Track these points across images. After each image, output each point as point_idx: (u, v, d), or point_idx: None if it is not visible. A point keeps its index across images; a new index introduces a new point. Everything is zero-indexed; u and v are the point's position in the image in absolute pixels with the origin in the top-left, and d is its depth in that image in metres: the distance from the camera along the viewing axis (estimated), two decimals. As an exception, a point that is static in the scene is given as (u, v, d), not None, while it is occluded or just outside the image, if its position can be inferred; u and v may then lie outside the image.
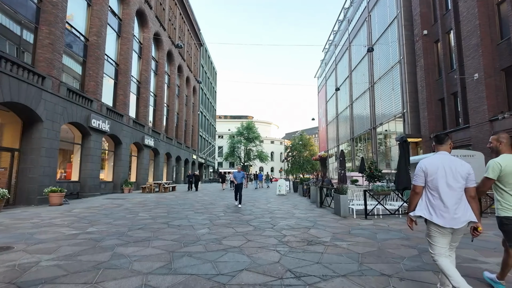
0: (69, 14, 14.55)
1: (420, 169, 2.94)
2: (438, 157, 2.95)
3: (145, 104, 23.79)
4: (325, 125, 48.30)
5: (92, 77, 16.45)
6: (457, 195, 2.80)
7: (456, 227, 2.74)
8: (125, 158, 20.10)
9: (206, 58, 49.80)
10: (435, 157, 2.97)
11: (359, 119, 32.15)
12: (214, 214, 9.22)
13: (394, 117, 23.30)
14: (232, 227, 6.96)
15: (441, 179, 2.83)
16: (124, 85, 20.18)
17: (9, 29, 11.57)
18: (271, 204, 12.50)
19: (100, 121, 16.50)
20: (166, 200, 14.20)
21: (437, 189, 2.83)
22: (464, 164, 2.89)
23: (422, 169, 2.92)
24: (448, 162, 2.88)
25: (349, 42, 35.58)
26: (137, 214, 9.14)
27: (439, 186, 2.82)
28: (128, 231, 6.36)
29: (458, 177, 2.81)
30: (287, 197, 16.54)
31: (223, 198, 15.87)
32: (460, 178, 2.81)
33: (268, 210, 10.39)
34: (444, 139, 3.04)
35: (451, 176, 2.82)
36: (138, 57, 23.78)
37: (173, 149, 31.26)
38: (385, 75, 25.29)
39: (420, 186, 2.94)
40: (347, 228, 6.91)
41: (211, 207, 11.42)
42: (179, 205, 11.98)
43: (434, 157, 2.97)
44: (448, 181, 2.81)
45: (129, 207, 11.30)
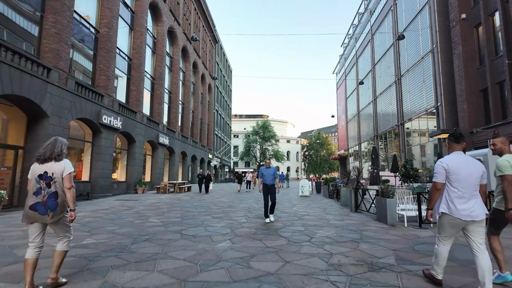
0: (77, 3, 13.63)
1: (441, 167, 3.12)
2: (457, 156, 3.15)
3: (159, 101, 22.85)
4: (345, 122, 46.30)
5: (103, 71, 15.53)
6: (472, 191, 3.04)
7: (476, 219, 2.97)
8: (139, 157, 19.17)
9: (221, 56, 48.79)
10: (453, 156, 3.17)
11: (384, 115, 30.18)
12: (235, 220, 7.92)
13: (426, 111, 21.34)
14: (259, 239, 5.62)
15: (461, 177, 3.03)
16: (137, 80, 19.25)
17: (11, 17, 10.68)
18: (297, 208, 11.09)
19: (112, 118, 15.56)
20: (180, 202, 13.05)
21: (456, 186, 3.05)
22: (479, 163, 3.13)
23: (444, 167, 3.10)
24: (465, 161, 3.10)
25: (372, 34, 33.61)
26: (147, 220, 7.96)
27: (457, 183, 3.04)
28: (131, 244, 5.13)
29: (474, 174, 3.04)
30: (312, 199, 15.07)
31: (242, 200, 14.58)
32: (475, 175, 3.05)
33: (296, 215, 8.99)
34: (461, 138, 3.22)
35: (468, 174, 3.03)
36: (152, 52, 22.86)
37: (189, 148, 30.31)
38: (414, 66, 23.33)
39: (441, 183, 3.13)
40: (406, 242, 5.43)
41: (230, 210, 10.13)
42: (194, 208, 10.76)
43: (453, 157, 3.16)
44: (465, 178, 3.03)
45: (139, 210, 10.17)
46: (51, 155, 3.14)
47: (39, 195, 3.05)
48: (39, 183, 3.08)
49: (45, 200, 3.04)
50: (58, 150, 3.18)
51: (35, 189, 3.08)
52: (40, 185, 3.07)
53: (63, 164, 3.16)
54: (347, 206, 11.45)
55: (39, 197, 3.05)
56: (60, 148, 3.21)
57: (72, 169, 3.25)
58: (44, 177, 3.08)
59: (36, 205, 3.02)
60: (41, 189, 3.07)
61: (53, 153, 3.15)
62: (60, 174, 3.12)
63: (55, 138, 3.29)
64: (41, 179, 3.08)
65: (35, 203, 3.03)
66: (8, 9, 10.47)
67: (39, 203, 3.03)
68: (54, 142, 3.23)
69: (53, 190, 3.08)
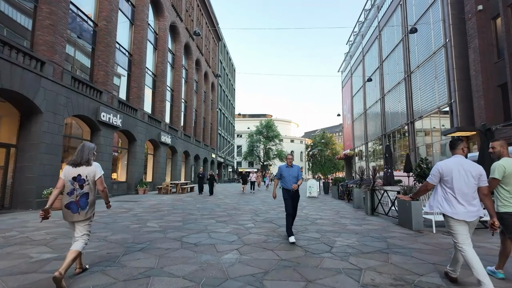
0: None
1: (437, 170, 3.32)
2: (454, 160, 3.31)
3: (161, 99, 22.16)
4: (351, 121, 45.40)
5: (102, 66, 14.86)
6: (469, 193, 3.15)
7: (468, 220, 3.11)
8: (140, 156, 18.50)
9: (225, 54, 48.09)
10: (450, 160, 3.33)
11: (392, 113, 29.28)
12: (241, 225, 7.16)
13: (438, 108, 20.46)
14: (271, 248, 4.86)
15: (456, 179, 3.19)
16: (138, 77, 18.58)
17: (1, 7, 10.02)
18: (307, 210, 10.31)
19: (111, 115, 14.88)
20: (182, 204, 12.33)
21: (452, 188, 3.20)
22: (476, 166, 3.24)
23: (439, 170, 3.30)
24: (462, 164, 3.23)
25: (379, 30, 32.71)
26: (144, 224, 7.23)
27: (454, 185, 3.19)
28: (123, 255, 4.41)
29: (470, 177, 3.16)
30: (321, 201, 14.28)
31: (247, 201, 13.83)
32: (472, 178, 3.17)
33: (307, 219, 8.22)
34: (456, 144, 3.39)
35: (464, 176, 3.17)
36: (154, 49, 22.19)
37: (192, 147, 29.62)
38: (425, 62, 22.43)
39: (432, 184, 3.38)
40: (442, 252, 4.65)
41: (235, 213, 9.38)
42: (197, 211, 10.03)
43: (450, 160, 3.33)
44: (461, 180, 3.17)
45: (138, 212, 9.46)
46: (81, 160, 3.48)
47: (72, 195, 3.39)
48: (73, 185, 3.40)
49: (77, 200, 3.38)
50: (86, 156, 3.53)
51: (69, 189, 3.39)
52: (73, 186, 3.39)
53: (95, 168, 3.53)
54: (361, 208, 10.67)
55: (72, 197, 3.38)
56: (88, 154, 3.56)
57: (102, 172, 3.63)
58: (78, 180, 3.41)
59: (70, 204, 3.36)
60: (74, 190, 3.39)
61: (83, 159, 3.49)
62: (92, 177, 3.51)
63: (83, 145, 3.63)
64: (74, 181, 3.40)
65: (69, 202, 3.36)
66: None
67: (73, 202, 3.37)
68: (82, 148, 3.57)
69: (85, 191, 3.43)
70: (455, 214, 3.14)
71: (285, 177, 5.80)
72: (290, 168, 5.89)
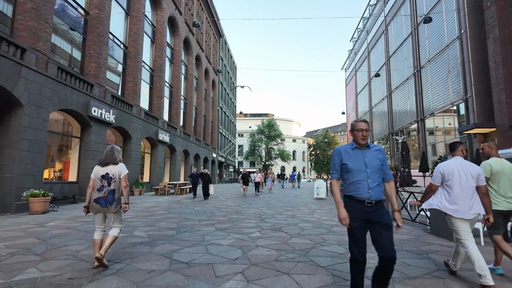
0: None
1: (438, 171, 3.48)
2: (454, 161, 3.48)
3: (159, 95, 21.05)
4: (355, 120, 44.18)
5: (93, 58, 13.76)
6: (468, 192, 3.28)
7: (466, 218, 3.23)
8: (136, 155, 17.39)
9: (226, 51, 46.97)
10: (451, 161, 3.50)
11: (400, 110, 28.10)
12: (246, 234, 6.04)
13: (452, 104, 19.29)
14: (286, 271, 3.72)
15: (456, 179, 3.33)
16: (133, 71, 17.47)
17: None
18: (318, 215, 9.17)
19: (103, 110, 13.78)
20: (179, 206, 11.22)
21: (452, 187, 3.34)
22: (475, 166, 3.39)
23: (440, 171, 3.46)
24: (461, 165, 3.39)
25: (386, 25, 31.54)
26: (131, 233, 6.13)
27: (454, 185, 3.33)
28: (88, 283, 3.28)
29: (469, 177, 3.31)
30: (331, 203, 13.15)
31: (250, 204, 12.71)
32: (471, 178, 3.31)
33: (322, 226, 7.09)
34: (456, 146, 3.58)
35: (464, 177, 3.32)
36: (151, 42, 21.08)
37: (192, 146, 28.50)
38: (437, 56, 21.26)
39: (437, 185, 3.52)
40: None
41: (237, 218, 8.26)
42: (195, 215, 8.91)
43: (450, 161, 3.50)
44: (461, 180, 3.31)
45: (128, 217, 8.35)
46: (110, 160, 3.89)
47: (101, 191, 3.77)
48: (101, 182, 3.79)
49: (105, 196, 3.76)
50: (115, 156, 3.94)
51: (98, 186, 3.79)
52: (102, 184, 3.78)
53: (120, 168, 3.93)
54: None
55: (101, 193, 3.76)
56: (116, 155, 3.96)
57: (127, 171, 4.00)
58: (106, 177, 3.81)
59: (99, 199, 3.75)
60: (103, 186, 3.77)
61: (111, 159, 3.91)
62: (118, 175, 3.88)
63: (112, 146, 4.04)
64: (103, 179, 3.79)
65: (98, 197, 3.75)
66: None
67: (101, 198, 3.75)
68: (112, 150, 4.00)
69: (112, 188, 3.81)
70: (455, 212, 3.27)
71: (352, 170, 2.64)
72: (364, 152, 2.69)
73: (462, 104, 18.48)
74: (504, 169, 3.58)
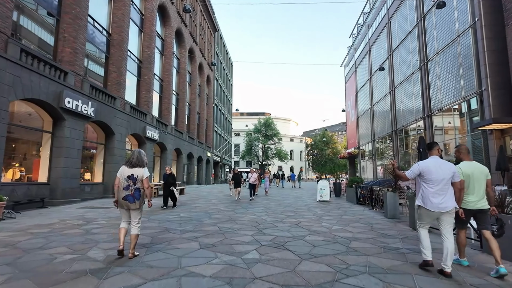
0: None
1: (417, 168, 3.87)
2: (431, 160, 3.89)
3: (147, 88, 19.42)
4: (355, 118, 42.82)
5: (68, 42, 12.13)
6: (442, 188, 3.68)
7: (434, 211, 3.68)
8: (120, 153, 15.75)
9: (221, 47, 45.35)
10: (429, 160, 3.91)
11: (404, 107, 26.70)
12: (239, 254, 4.50)
13: (463, 99, 17.88)
14: None
15: (433, 176, 3.72)
16: (117, 60, 15.83)
17: None
18: (327, 222, 7.64)
19: (80, 102, 12.16)
20: (163, 212, 9.64)
21: (429, 184, 3.74)
22: (450, 165, 3.81)
23: (419, 168, 3.84)
24: (438, 163, 3.80)
25: (388, 17, 30.16)
26: (85, 252, 4.55)
27: (431, 182, 3.73)
28: None
29: (445, 174, 3.69)
30: (337, 206, 11.64)
31: (246, 208, 11.17)
32: (446, 175, 3.69)
33: (336, 239, 5.57)
34: (433, 146, 4.00)
35: (440, 174, 3.70)
36: (139, 31, 19.45)
37: (184, 145, 26.86)
38: (446, 47, 19.83)
39: (409, 178, 4.00)
40: None
41: (230, 229, 6.70)
42: (178, 223, 7.35)
43: (428, 160, 3.91)
44: (437, 177, 3.70)
45: (95, 227, 6.76)
46: (138, 163, 4.46)
47: (128, 190, 4.33)
48: (127, 181, 4.35)
49: (132, 193, 4.33)
50: (143, 160, 4.52)
51: (124, 185, 4.34)
52: (128, 183, 4.34)
53: (144, 170, 4.47)
54: (397, 219, 8.03)
55: (128, 191, 4.33)
56: (143, 159, 4.54)
57: (149, 174, 4.56)
58: (132, 178, 4.37)
59: (127, 196, 4.32)
60: (129, 185, 4.34)
61: (140, 162, 4.47)
62: (141, 176, 4.42)
63: (139, 151, 4.61)
64: (129, 179, 4.36)
65: (126, 195, 4.32)
66: None
67: (129, 195, 4.32)
68: (139, 154, 4.54)
69: (137, 186, 4.38)
70: (431, 207, 3.69)
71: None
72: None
73: (474, 99, 17.08)
74: (474, 172, 3.91)
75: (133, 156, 4.50)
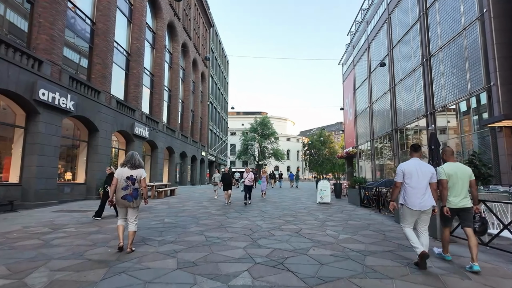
0: None
1: (400, 171, 4.12)
2: (413, 161, 4.15)
3: (136, 83, 18.28)
4: (353, 117, 41.93)
5: (44, 29, 11.00)
6: (423, 188, 3.96)
7: (422, 210, 3.93)
8: (105, 151, 14.63)
9: (217, 44, 44.20)
10: (410, 161, 4.18)
11: (405, 105, 25.80)
12: (225, 279, 3.45)
13: (469, 95, 16.98)
14: None
15: (414, 177, 3.99)
16: (103, 51, 14.70)
17: None
18: (332, 230, 6.61)
19: (57, 94, 11.02)
20: (147, 216, 8.56)
21: (411, 184, 4.00)
22: (429, 166, 4.10)
23: (402, 170, 4.11)
24: (418, 165, 4.08)
25: (389, 13, 29.27)
26: (29, 272, 3.47)
27: (412, 182, 3.99)
28: None
29: (424, 176, 3.99)
30: (339, 209, 10.63)
31: (240, 212, 10.14)
32: (425, 176, 4.00)
33: (349, 256, 4.54)
34: (418, 148, 4.25)
35: (420, 175, 3.98)
36: (128, 22, 18.32)
37: (177, 143, 25.72)
38: (451, 41, 18.93)
39: (400, 182, 4.13)
40: None
41: (218, 239, 5.65)
42: (159, 231, 6.29)
43: (409, 162, 4.17)
44: (418, 178, 3.98)
45: (54, 238, 5.67)
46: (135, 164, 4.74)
47: (127, 189, 4.59)
48: (126, 182, 4.62)
49: (131, 193, 4.60)
50: (139, 162, 4.79)
51: (123, 186, 4.59)
52: (127, 183, 4.61)
53: (141, 171, 4.78)
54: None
55: (127, 191, 4.59)
56: (139, 161, 4.83)
57: (145, 174, 4.87)
58: (130, 179, 4.64)
59: (126, 196, 4.58)
60: (128, 186, 4.61)
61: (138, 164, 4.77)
62: (139, 177, 4.73)
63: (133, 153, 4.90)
64: (128, 179, 4.62)
65: (124, 195, 4.58)
66: None
67: (128, 195, 4.58)
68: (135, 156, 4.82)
69: (136, 187, 4.67)
70: (412, 205, 3.95)
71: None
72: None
73: (481, 94, 16.20)
74: (456, 173, 4.15)
75: (134, 159, 4.77)
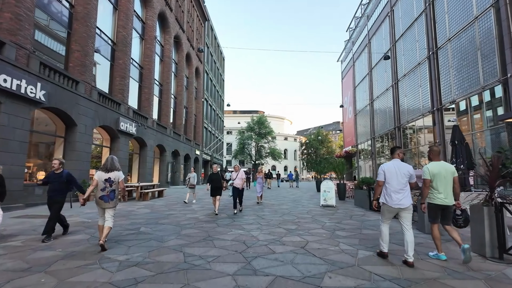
0: None
1: (382, 171, 4.36)
2: (392, 162, 4.39)
3: (122, 75, 16.80)
4: (353, 115, 40.71)
5: (8, 6, 9.55)
6: (402, 187, 4.23)
7: (393, 207, 4.20)
8: (84, 149, 13.17)
9: (212, 39, 42.74)
10: (390, 162, 4.41)
11: (409, 101, 24.55)
12: None
13: (482, 88, 15.74)
14: None
15: (393, 177, 4.26)
16: (82, 37, 13.23)
17: None
18: (346, 242, 5.26)
19: (23, 82, 9.57)
20: (122, 223, 7.14)
21: (390, 184, 4.27)
22: (408, 167, 4.40)
23: (383, 170, 4.35)
24: (397, 166, 4.33)
25: (391, 5, 28.03)
26: None
27: (392, 182, 4.26)
28: None
29: (403, 176, 4.25)
30: (346, 213, 9.28)
31: (233, 218, 8.75)
32: (404, 176, 4.25)
33: (379, 287, 3.17)
34: (394, 151, 4.52)
35: (399, 175, 4.25)
36: (114, 8, 16.84)
37: (168, 141, 24.25)
38: (461, 32, 17.68)
39: (382, 181, 4.36)
40: None
41: (201, 258, 4.29)
42: (126, 245, 4.91)
43: (390, 163, 4.40)
44: (397, 178, 4.25)
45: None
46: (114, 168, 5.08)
47: (104, 191, 4.92)
48: (105, 184, 4.93)
49: (108, 194, 4.94)
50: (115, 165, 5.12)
51: (102, 187, 4.92)
52: (105, 185, 4.93)
53: (119, 174, 5.12)
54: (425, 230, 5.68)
55: (104, 192, 4.92)
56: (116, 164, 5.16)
57: (123, 176, 5.22)
58: (109, 181, 4.96)
59: (103, 196, 4.91)
60: (106, 187, 4.93)
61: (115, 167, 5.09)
62: (117, 179, 5.08)
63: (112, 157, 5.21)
64: (106, 181, 4.94)
65: (102, 195, 4.91)
66: None
67: (104, 195, 4.92)
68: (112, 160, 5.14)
69: (113, 188, 5.01)
70: (391, 203, 4.21)
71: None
72: None
73: (497, 87, 14.95)
74: (440, 172, 4.33)
75: (107, 163, 5.06)
